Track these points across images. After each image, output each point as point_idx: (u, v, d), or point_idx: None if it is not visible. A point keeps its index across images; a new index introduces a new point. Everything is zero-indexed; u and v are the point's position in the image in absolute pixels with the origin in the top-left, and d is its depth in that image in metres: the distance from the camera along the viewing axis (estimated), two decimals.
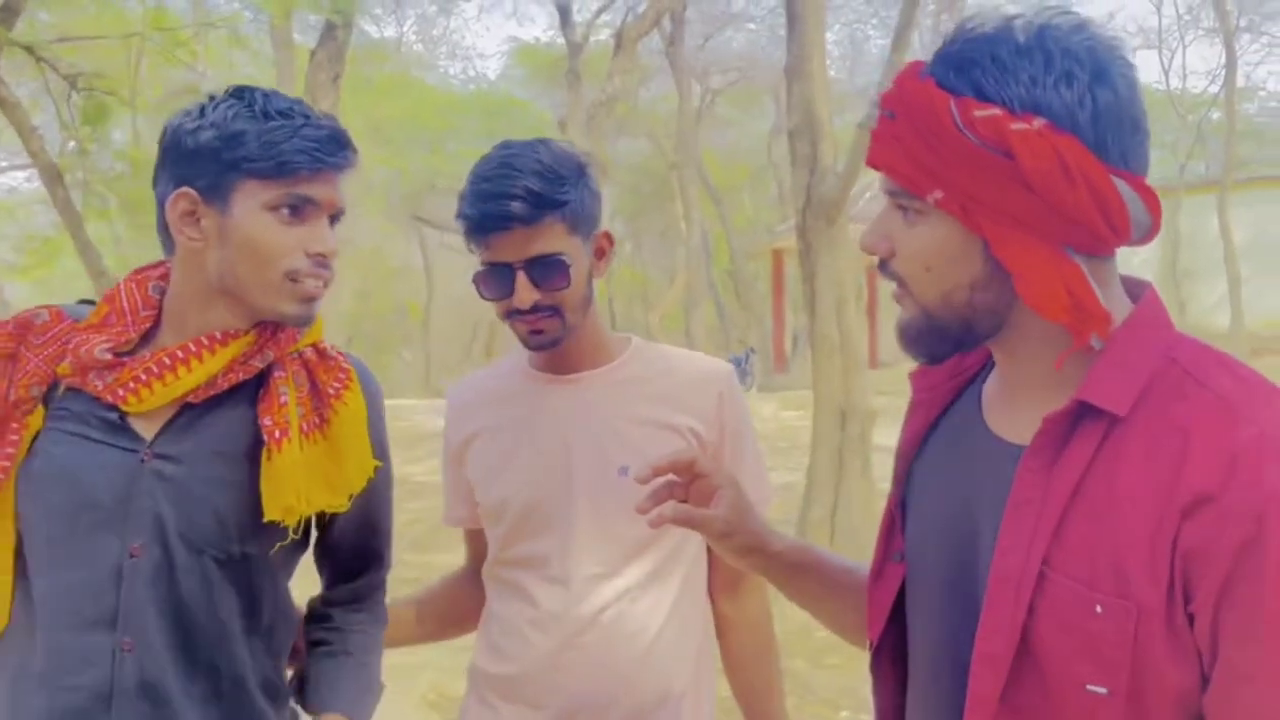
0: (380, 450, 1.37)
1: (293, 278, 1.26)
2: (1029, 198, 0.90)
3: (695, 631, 1.63)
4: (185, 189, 1.26)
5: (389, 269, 33.25)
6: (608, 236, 1.60)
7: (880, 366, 15.56)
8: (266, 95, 1.27)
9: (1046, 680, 0.92)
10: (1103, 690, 0.89)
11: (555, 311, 1.51)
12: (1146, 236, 0.94)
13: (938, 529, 1.07)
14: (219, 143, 1.23)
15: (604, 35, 20.23)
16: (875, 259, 1.02)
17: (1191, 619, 0.88)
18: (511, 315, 1.53)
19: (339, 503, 1.30)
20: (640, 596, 1.56)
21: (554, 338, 1.53)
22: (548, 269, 1.49)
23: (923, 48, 21.91)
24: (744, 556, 1.20)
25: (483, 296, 1.54)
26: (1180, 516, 0.87)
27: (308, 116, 1.25)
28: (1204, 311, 19.78)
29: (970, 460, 1.04)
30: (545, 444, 1.58)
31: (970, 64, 0.92)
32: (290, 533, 1.29)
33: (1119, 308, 0.97)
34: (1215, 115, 26.65)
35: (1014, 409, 1.02)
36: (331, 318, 10.55)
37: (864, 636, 1.21)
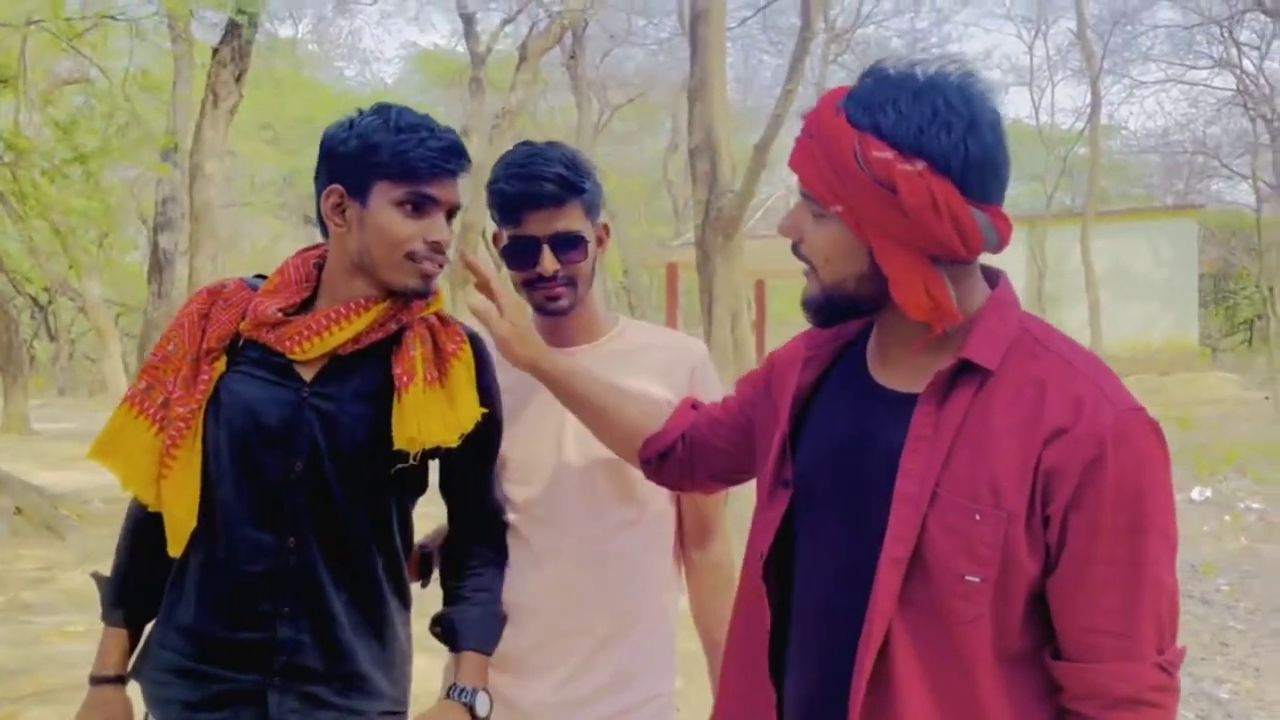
0: (487, 399, 1.63)
1: (412, 258, 1.55)
2: (905, 222, 1.16)
3: (661, 573, 1.86)
4: (335, 186, 1.56)
5: None
6: (606, 228, 1.87)
7: None
8: (401, 111, 1.56)
9: (932, 575, 1.17)
10: (977, 579, 1.15)
11: (571, 282, 1.75)
12: (997, 249, 1.21)
13: (830, 458, 1.29)
14: (361, 151, 1.54)
15: (504, 45, 20.41)
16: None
17: (1046, 521, 1.14)
18: (531, 284, 1.75)
19: (452, 439, 1.56)
20: (615, 538, 1.79)
21: (567, 304, 1.76)
22: (569, 244, 1.73)
23: (813, 74, 22.73)
24: (526, 366, 1.63)
25: (509, 266, 1.77)
26: (1042, 445, 1.13)
27: (431, 130, 1.54)
28: (1066, 334, 20.93)
29: (858, 403, 1.29)
30: (542, 408, 1.77)
31: (876, 106, 1.16)
32: (411, 458, 1.55)
33: (980, 293, 1.25)
34: (1081, 151, 28.10)
35: (893, 365, 1.29)
36: None
37: (628, 451, 1.63)
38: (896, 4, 27.80)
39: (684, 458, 1.58)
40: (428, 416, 1.54)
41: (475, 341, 1.67)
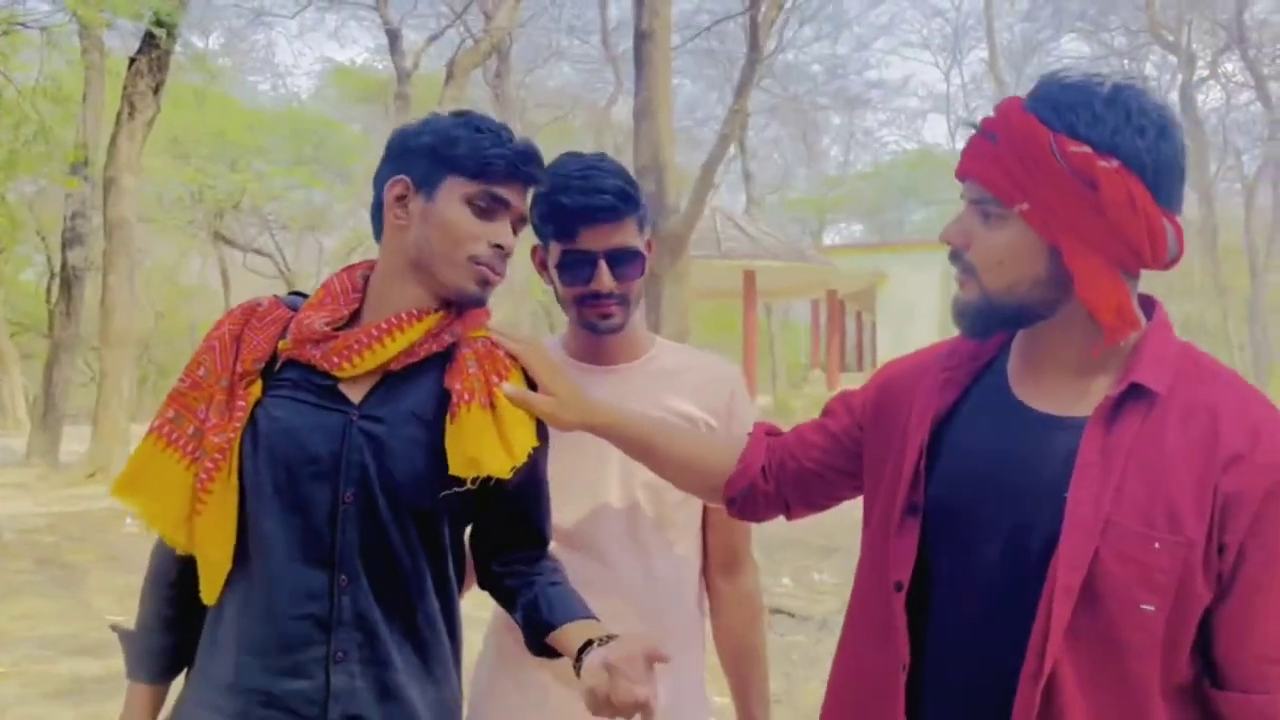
0: (542, 431, 1.51)
1: (474, 260, 1.44)
2: (1100, 221, 1.14)
3: (696, 601, 1.81)
4: (402, 177, 1.46)
5: (183, 288, 31.57)
6: (650, 244, 1.77)
7: None
8: (481, 116, 1.49)
9: (1104, 605, 1.13)
10: (1152, 608, 1.12)
11: (624, 300, 1.67)
12: (1174, 262, 1.19)
13: (978, 484, 1.24)
14: (435, 144, 1.45)
15: (429, 61, 20.16)
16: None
17: (1222, 549, 1.12)
18: (584, 301, 1.67)
19: (505, 470, 1.43)
20: (655, 565, 1.72)
21: (619, 322, 1.68)
22: (627, 260, 1.65)
23: (734, 98, 22.93)
24: (576, 429, 1.53)
25: (562, 282, 1.67)
26: (1220, 471, 1.12)
27: (510, 135, 1.47)
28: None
29: (1006, 426, 1.25)
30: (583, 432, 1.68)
31: (1068, 108, 1.15)
32: (468, 482, 1.42)
33: (1140, 315, 1.22)
34: None
35: (1044, 386, 1.24)
36: (127, 336, 9.95)
37: (704, 490, 1.57)
38: (817, 30, 28.23)
39: (770, 490, 1.51)
40: (482, 441, 1.42)
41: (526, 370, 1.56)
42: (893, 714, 1.26)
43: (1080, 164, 1.13)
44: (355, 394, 1.45)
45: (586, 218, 1.63)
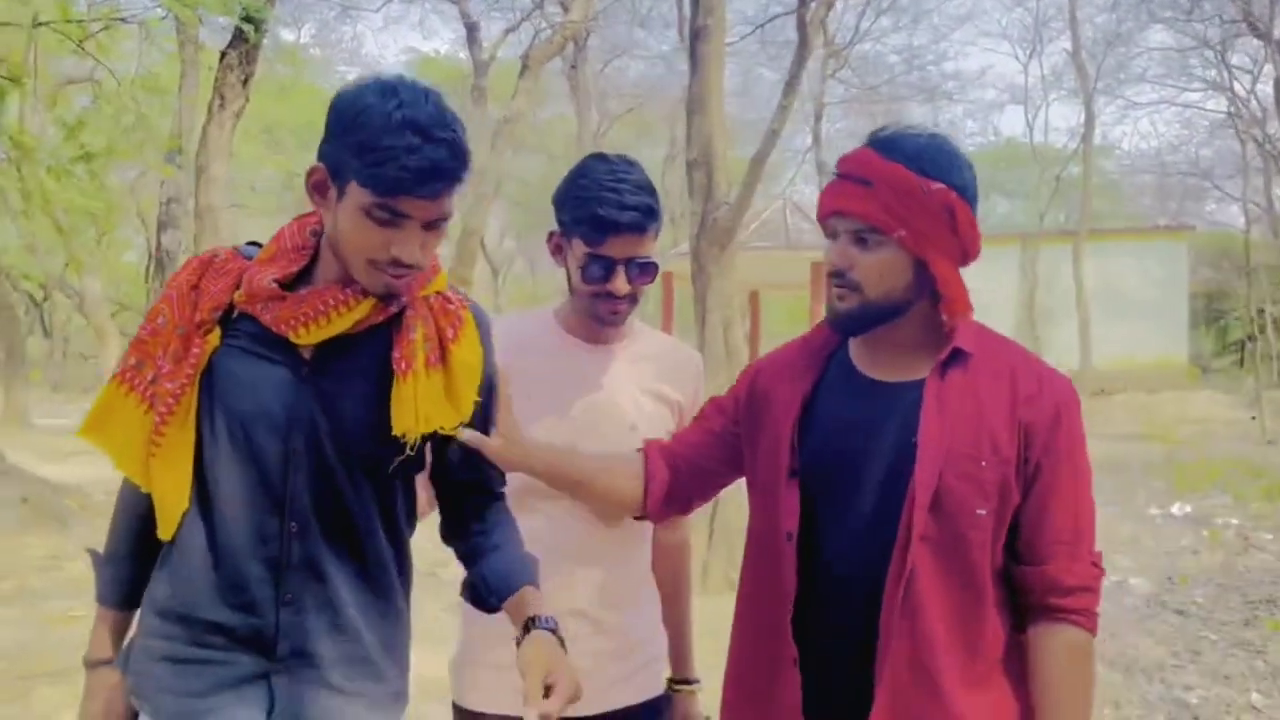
0: (489, 380, 1.60)
1: (374, 266, 1.44)
2: (954, 238, 1.55)
3: (645, 556, 2.06)
4: (321, 165, 1.43)
5: None
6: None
7: None
8: (405, 102, 1.36)
9: (948, 513, 1.50)
10: (984, 512, 1.51)
11: (634, 300, 1.89)
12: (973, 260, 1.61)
13: (846, 442, 1.59)
14: (349, 143, 1.37)
15: (506, 53, 20.58)
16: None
17: (1026, 462, 1.53)
18: (598, 297, 1.88)
19: (451, 424, 1.53)
20: (629, 524, 1.94)
21: (623, 319, 1.93)
22: (645, 269, 1.88)
23: (812, 89, 22.93)
24: (518, 468, 1.72)
25: (582, 279, 1.87)
26: (1021, 407, 1.54)
27: (427, 136, 1.35)
28: (1056, 350, 21.01)
29: (860, 396, 1.62)
30: (575, 397, 1.92)
31: (916, 155, 1.55)
32: (408, 447, 1.50)
33: None
34: (1074, 170, 28.30)
35: (886, 363, 1.62)
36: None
37: (621, 511, 1.85)
38: (894, 21, 28.01)
39: (675, 494, 1.83)
40: (426, 402, 1.50)
41: (479, 319, 1.61)
42: (782, 638, 1.59)
43: (941, 197, 1.54)
44: (307, 350, 1.50)
45: (616, 230, 1.82)
